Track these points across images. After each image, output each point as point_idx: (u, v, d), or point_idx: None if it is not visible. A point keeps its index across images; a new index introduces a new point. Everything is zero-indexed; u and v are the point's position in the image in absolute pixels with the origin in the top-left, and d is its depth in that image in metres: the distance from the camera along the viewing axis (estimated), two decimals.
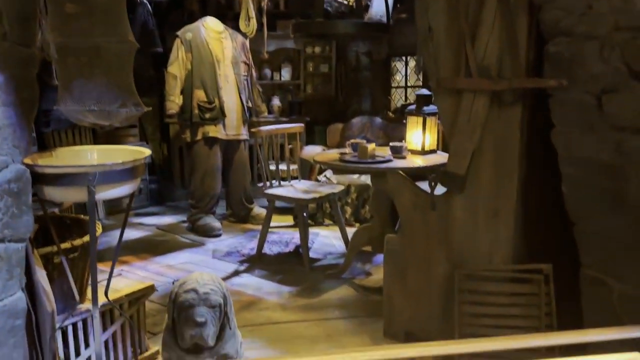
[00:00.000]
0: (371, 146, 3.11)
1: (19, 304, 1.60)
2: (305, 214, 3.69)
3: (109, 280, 2.03)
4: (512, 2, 1.92)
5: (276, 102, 5.86)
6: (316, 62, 6.02)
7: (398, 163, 3.05)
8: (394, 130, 5.24)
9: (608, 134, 1.71)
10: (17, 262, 1.58)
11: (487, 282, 2.14)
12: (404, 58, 6.11)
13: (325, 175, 4.73)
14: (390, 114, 5.96)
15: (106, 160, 1.82)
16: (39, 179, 1.67)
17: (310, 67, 6.00)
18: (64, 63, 1.71)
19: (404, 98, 6.21)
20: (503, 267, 2.15)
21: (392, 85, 6.25)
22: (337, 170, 4.14)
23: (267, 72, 5.88)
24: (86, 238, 2.05)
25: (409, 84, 6.17)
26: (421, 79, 5.99)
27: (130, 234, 4.39)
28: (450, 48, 2.12)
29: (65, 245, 2.00)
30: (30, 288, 1.75)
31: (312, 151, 5.02)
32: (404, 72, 6.17)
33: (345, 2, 4.14)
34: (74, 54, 1.70)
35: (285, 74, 5.97)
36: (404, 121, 3.43)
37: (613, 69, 1.67)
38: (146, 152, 1.84)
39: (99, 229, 2.16)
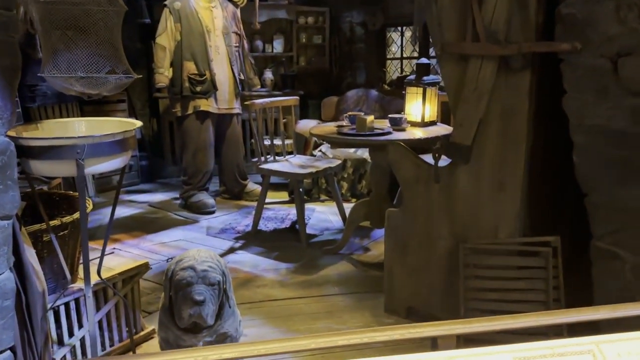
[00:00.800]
0: (369, 118, 3.02)
1: (8, 284, 1.51)
2: (301, 190, 3.62)
3: (101, 258, 1.95)
4: None
5: (269, 75, 5.71)
6: (309, 33, 5.87)
7: (398, 135, 2.97)
8: (390, 103, 5.14)
9: (623, 100, 1.64)
10: (4, 241, 1.49)
11: (493, 255, 2.08)
12: (399, 29, 5.97)
13: (320, 150, 4.64)
14: (386, 86, 5.86)
15: (95, 132, 1.72)
16: (25, 152, 1.57)
17: (303, 38, 5.84)
18: (49, 35, 1.60)
19: (399, 70, 6.09)
20: (510, 240, 2.09)
21: (388, 56, 6.12)
22: (334, 144, 4.04)
23: (259, 43, 5.72)
24: (76, 215, 1.97)
25: (404, 55, 6.04)
26: (417, 50, 5.86)
27: (122, 211, 4.30)
28: (456, 11, 2.01)
29: (55, 222, 1.91)
30: (19, 267, 1.66)
31: (307, 125, 4.91)
32: (400, 43, 6.03)
33: None
34: (59, 27, 1.58)
35: (278, 46, 5.81)
36: (403, 92, 3.33)
37: (630, 30, 1.58)
38: (137, 123, 1.73)
39: (89, 206, 2.07)
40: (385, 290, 2.55)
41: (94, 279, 1.96)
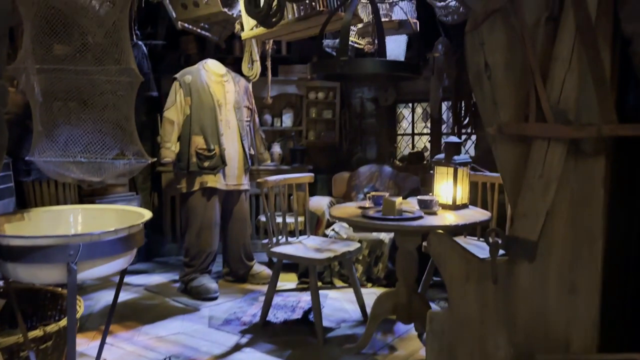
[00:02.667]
0: (398, 200, 2.73)
1: None
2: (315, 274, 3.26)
3: None
4: (594, 32, 1.59)
5: (277, 149, 5.51)
6: (319, 107, 5.74)
7: (430, 220, 2.66)
8: (404, 179, 4.89)
9: None
10: None
11: None
12: (410, 104, 5.86)
13: (333, 229, 4.32)
14: (397, 162, 5.65)
15: (93, 226, 1.41)
16: (3, 253, 1.25)
17: (313, 113, 5.71)
18: (45, 109, 1.33)
19: (410, 145, 5.91)
20: (586, 355, 1.73)
21: (398, 132, 5.97)
22: (359, 229, 3.73)
23: (268, 117, 5.57)
24: (63, 323, 1.61)
25: (415, 131, 5.89)
26: (429, 126, 5.71)
27: None
28: (513, 87, 1.78)
29: (37, 333, 1.55)
30: None
31: (320, 202, 4.64)
32: (411, 119, 5.90)
33: (357, 46, 3.86)
34: (59, 99, 1.33)
35: (287, 120, 5.66)
36: (431, 172, 3.07)
37: None
38: (146, 214, 1.43)
39: (79, 309, 1.72)
40: None
41: None
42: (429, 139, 5.74)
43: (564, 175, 1.71)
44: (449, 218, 2.72)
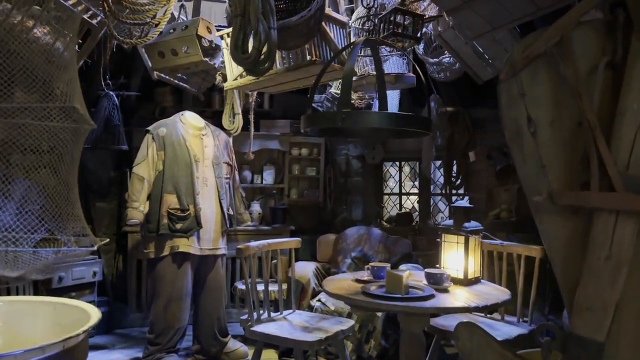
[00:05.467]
0: (405, 274, 2.34)
1: None
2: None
3: None
4: None
5: (256, 208, 5.10)
6: (302, 164, 5.42)
7: (444, 300, 2.27)
8: (395, 243, 4.52)
9: None
10: None
11: None
12: (397, 163, 5.60)
13: (319, 300, 3.87)
14: (385, 223, 5.31)
15: (18, 331, 0.97)
16: None
17: (295, 170, 5.37)
18: None
19: (398, 206, 5.59)
20: None
21: (385, 191, 5.66)
22: (360, 309, 3.29)
23: (248, 174, 5.19)
24: None
25: (403, 191, 5.59)
26: (417, 186, 5.42)
27: None
28: (562, 148, 1.46)
29: None
30: None
31: (305, 269, 4.20)
32: (398, 178, 5.61)
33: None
34: None
35: (268, 177, 5.29)
36: (438, 240, 2.71)
37: None
38: (93, 315, 1.00)
39: None
40: None
41: None
42: (417, 199, 5.45)
43: (635, 258, 1.36)
44: (464, 296, 2.34)
